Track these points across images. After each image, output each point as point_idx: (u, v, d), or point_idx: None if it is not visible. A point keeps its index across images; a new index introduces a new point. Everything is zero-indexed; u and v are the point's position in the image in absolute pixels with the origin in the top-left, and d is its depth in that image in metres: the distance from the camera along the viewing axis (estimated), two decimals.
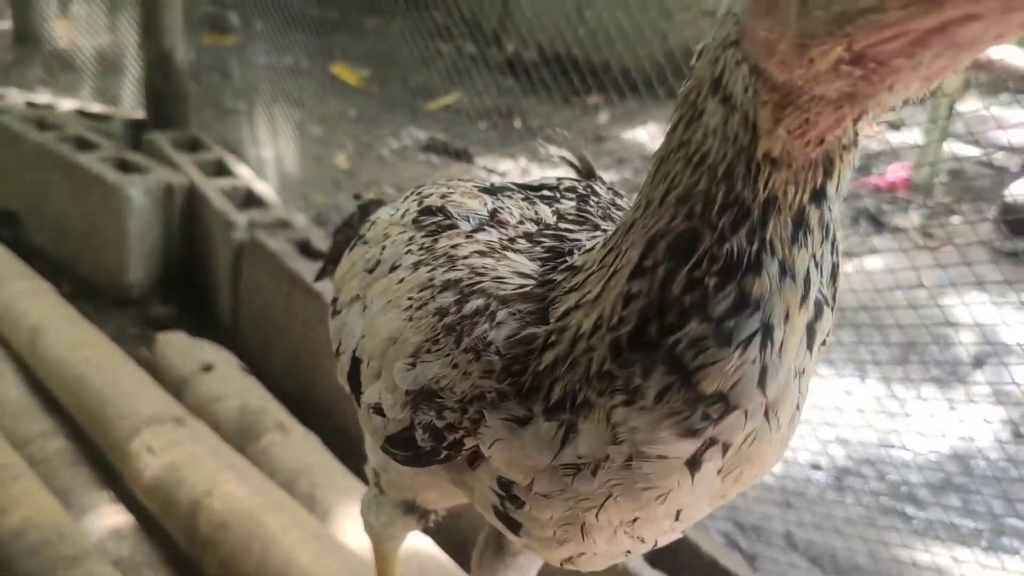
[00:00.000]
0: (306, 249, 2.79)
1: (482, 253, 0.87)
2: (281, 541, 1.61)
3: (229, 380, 2.40)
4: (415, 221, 0.97)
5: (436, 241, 0.91)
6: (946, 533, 2.32)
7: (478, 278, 0.84)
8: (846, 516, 2.38)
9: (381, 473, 1.09)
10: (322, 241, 2.85)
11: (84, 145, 3.34)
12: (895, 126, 4.19)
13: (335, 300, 1.09)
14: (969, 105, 3.79)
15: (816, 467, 2.62)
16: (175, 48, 3.53)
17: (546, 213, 0.94)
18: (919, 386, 2.84)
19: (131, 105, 4.01)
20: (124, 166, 3.22)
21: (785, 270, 0.66)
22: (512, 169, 4.16)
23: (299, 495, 1.94)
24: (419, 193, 1.03)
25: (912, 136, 3.91)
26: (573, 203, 0.97)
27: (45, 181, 3.34)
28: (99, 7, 4.54)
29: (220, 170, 3.32)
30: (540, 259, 0.85)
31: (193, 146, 3.47)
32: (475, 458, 0.87)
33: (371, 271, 0.99)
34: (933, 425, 2.51)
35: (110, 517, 1.90)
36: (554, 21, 4.23)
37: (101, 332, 2.49)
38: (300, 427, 2.24)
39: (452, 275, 0.86)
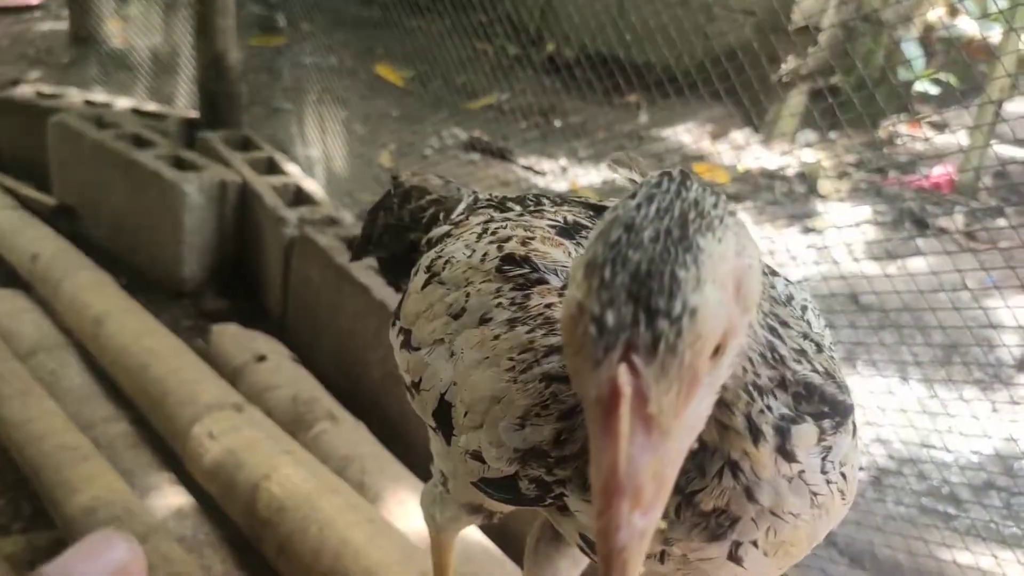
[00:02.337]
0: (353, 245, 2.87)
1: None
2: (336, 523, 1.68)
3: (281, 370, 2.48)
4: (499, 271, 0.94)
5: (528, 298, 0.90)
6: (988, 534, 2.32)
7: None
8: (887, 515, 2.39)
9: (451, 479, 1.10)
10: None
11: (140, 143, 3.46)
12: (940, 127, 4.16)
13: (407, 332, 1.08)
14: (1015, 106, 3.75)
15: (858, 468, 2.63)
16: (228, 50, 3.63)
17: None
18: (962, 388, 2.83)
19: (185, 104, 4.13)
20: (179, 163, 3.33)
21: (725, 426, 0.73)
22: (552, 167, 4.20)
23: (350, 482, 2.00)
24: (495, 235, 1.01)
25: (957, 137, 3.88)
26: None
27: (103, 177, 3.47)
28: (154, 8, 4.68)
29: (271, 168, 3.42)
30: None
31: (245, 145, 3.57)
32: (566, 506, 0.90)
33: (456, 317, 0.97)
34: (975, 427, 2.51)
35: (171, 498, 1.99)
36: (595, 20, 4.27)
37: (160, 323, 2.59)
38: (349, 416, 2.31)
39: (554, 340, 0.86)
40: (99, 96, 4.10)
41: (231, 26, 3.61)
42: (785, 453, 0.74)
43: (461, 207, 1.24)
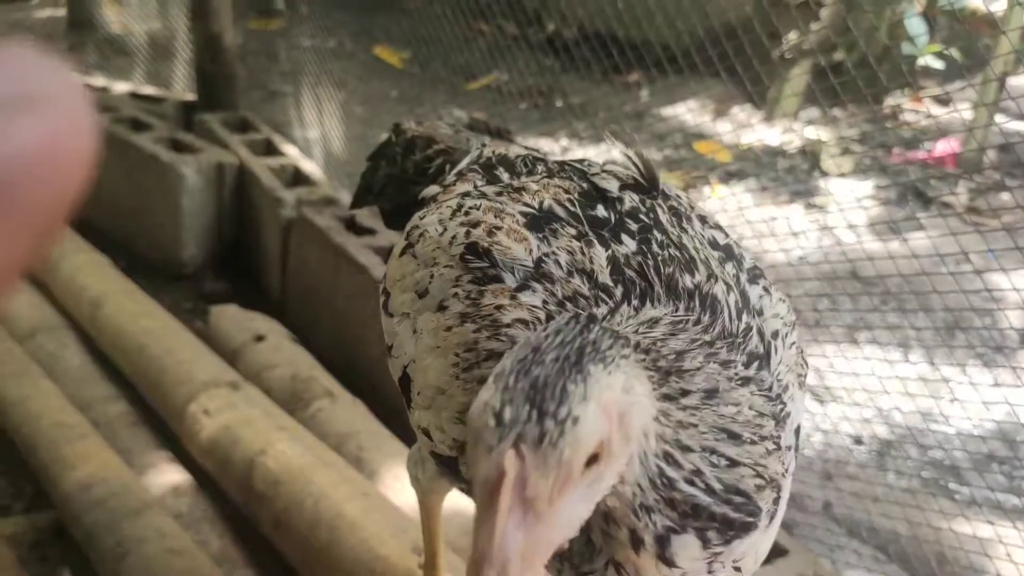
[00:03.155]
0: (352, 225, 2.86)
1: (524, 323, 0.89)
2: (331, 497, 1.68)
3: (280, 350, 2.48)
4: (462, 259, 0.96)
5: (481, 295, 0.93)
6: (989, 508, 2.31)
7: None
8: (887, 488, 2.38)
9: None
10: (367, 218, 2.92)
11: (138, 126, 3.45)
12: (943, 101, 4.11)
13: (387, 295, 1.10)
14: (1019, 81, 3.71)
15: (858, 441, 2.62)
16: (224, 31, 3.61)
17: (600, 260, 0.92)
18: (964, 363, 2.81)
19: (182, 88, 4.11)
20: (177, 146, 3.32)
21: (610, 536, 0.81)
22: (552, 148, 4.18)
23: (347, 458, 2.00)
24: (467, 216, 1.01)
25: (961, 111, 3.84)
26: (635, 243, 0.93)
27: (101, 160, 3.46)
28: None
29: (268, 150, 3.41)
30: None
31: (242, 127, 3.56)
32: None
33: (421, 296, 1.01)
34: (977, 401, 2.50)
35: (169, 475, 2.00)
36: (594, 0, 4.24)
37: (157, 304, 2.59)
38: (347, 394, 2.31)
39: (495, 345, 0.89)
40: (97, 81, 4.09)
41: (227, 7, 3.59)
42: (665, 560, 0.81)
43: (465, 161, 1.22)
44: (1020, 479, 2.52)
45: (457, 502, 1.85)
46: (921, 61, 4.04)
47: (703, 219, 1.02)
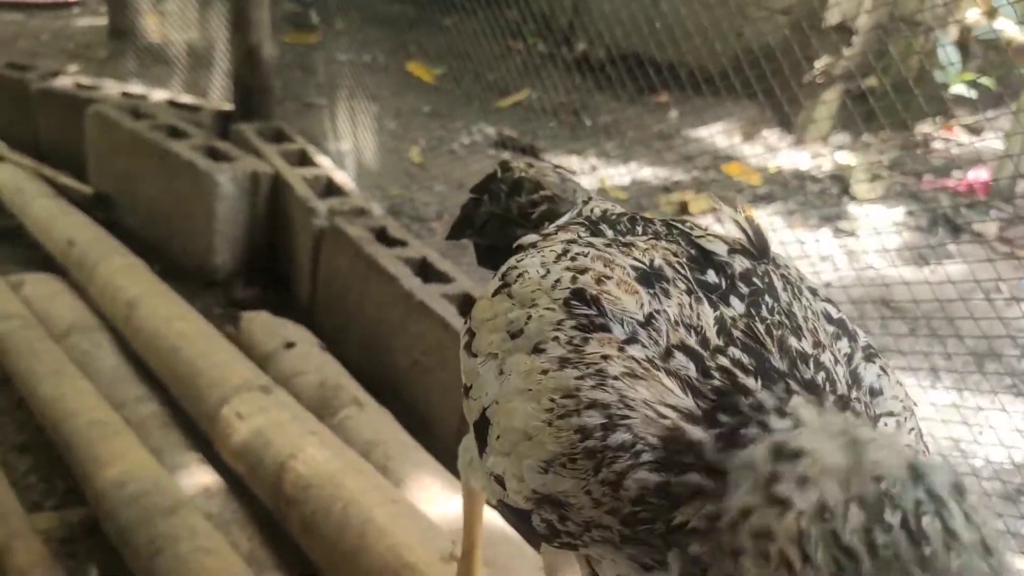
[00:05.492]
0: (383, 236, 2.89)
1: (634, 376, 0.84)
2: (360, 502, 1.69)
3: (309, 357, 2.50)
4: (567, 303, 0.92)
5: (586, 342, 0.88)
6: (1018, 543, 2.28)
7: (627, 411, 0.83)
8: None
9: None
10: (397, 230, 2.95)
11: (175, 133, 3.51)
12: (975, 130, 4.10)
13: (471, 335, 1.07)
14: None
15: None
16: (262, 43, 3.68)
17: (708, 319, 0.88)
18: (995, 393, 2.78)
19: (219, 97, 4.18)
20: (213, 154, 3.38)
21: None
22: (581, 166, 4.20)
23: (374, 466, 2.02)
24: (573, 262, 0.97)
25: (993, 141, 3.82)
26: (743, 306, 0.90)
27: (138, 166, 3.53)
28: (190, 3, 4.76)
29: (303, 160, 3.45)
30: (700, 394, 0.83)
31: (277, 137, 3.62)
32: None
33: (513, 336, 0.96)
34: (1008, 433, 2.47)
35: (200, 476, 2.02)
36: (628, 19, 4.27)
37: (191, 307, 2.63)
38: (374, 403, 2.33)
39: (600, 395, 0.84)
40: (136, 88, 4.17)
41: (266, 20, 3.65)
42: None
43: (567, 217, 1.19)
44: None
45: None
46: (954, 89, 4.03)
47: (814, 292, 0.98)
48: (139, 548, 1.68)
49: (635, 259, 0.95)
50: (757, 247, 0.98)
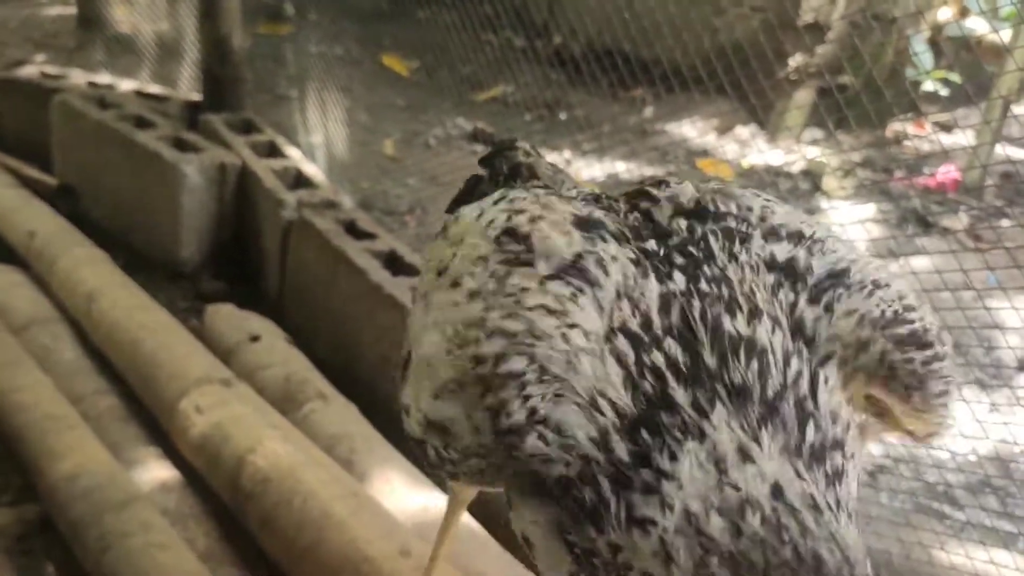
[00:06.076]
0: (352, 229, 2.86)
1: (547, 310, 0.80)
2: (320, 495, 1.66)
3: (275, 351, 2.47)
4: (497, 240, 0.89)
5: (508, 275, 0.84)
6: (983, 534, 2.29)
7: (532, 341, 0.79)
8: (880, 513, 2.36)
9: None
10: (367, 223, 2.92)
11: (142, 124, 3.45)
12: (946, 127, 4.13)
13: (417, 292, 1.05)
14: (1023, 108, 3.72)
15: None
16: (232, 33, 3.63)
17: (652, 295, 0.82)
18: (961, 387, 2.80)
19: (188, 88, 4.12)
20: (180, 145, 3.32)
21: None
22: (556, 161, 4.19)
23: (338, 460, 1.99)
24: (511, 203, 0.94)
25: (964, 137, 3.85)
26: (684, 281, 0.83)
27: (103, 157, 3.47)
28: None
29: (271, 151, 3.41)
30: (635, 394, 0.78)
31: (246, 128, 3.56)
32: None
33: (439, 274, 0.94)
34: (974, 426, 2.48)
35: (157, 471, 1.98)
36: (603, 14, 4.26)
37: (153, 300, 2.58)
38: (341, 397, 2.30)
39: (508, 324, 0.81)
40: (103, 78, 4.10)
41: (236, 9, 3.60)
42: None
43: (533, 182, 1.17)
44: (1015, 505, 2.50)
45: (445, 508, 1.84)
46: (926, 86, 4.06)
47: (774, 231, 0.90)
48: (89, 544, 1.64)
49: (575, 209, 0.90)
50: (697, 203, 0.93)
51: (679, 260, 0.86)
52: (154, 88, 4.02)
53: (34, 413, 1.99)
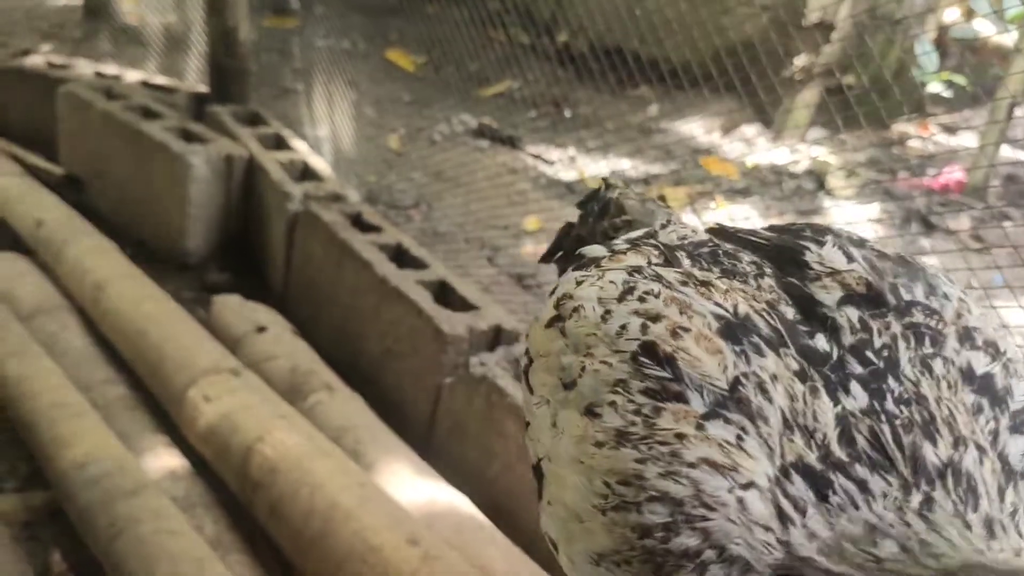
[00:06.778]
0: (358, 221, 2.87)
1: (715, 466, 0.68)
2: (327, 486, 1.67)
3: (281, 342, 2.48)
4: (633, 358, 0.75)
5: (657, 413, 0.71)
6: None
7: (704, 512, 0.68)
8: None
9: None
10: (373, 216, 2.92)
11: (149, 114, 3.46)
12: (951, 129, 4.14)
13: (529, 362, 0.93)
14: None
15: None
16: (239, 25, 3.63)
17: (827, 419, 0.69)
18: None
19: (194, 79, 4.13)
20: (187, 136, 3.33)
21: None
22: (561, 157, 4.20)
23: (344, 451, 2.00)
24: (642, 303, 0.79)
25: (968, 139, 3.86)
26: (865, 396, 0.70)
27: (110, 147, 3.47)
28: None
29: (278, 144, 3.41)
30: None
31: (253, 120, 3.57)
32: None
33: (566, 387, 0.81)
34: None
35: (166, 459, 1.99)
36: (610, 11, 4.26)
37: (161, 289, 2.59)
38: (346, 388, 2.31)
39: (670, 487, 0.69)
40: (110, 69, 4.11)
41: (243, 2, 3.61)
42: None
43: (642, 231, 1.03)
44: None
45: (451, 499, 1.85)
46: (931, 88, 4.06)
47: (969, 336, 0.76)
48: (99, 530, 1.65)
49: (716, 303, 0.76)
50: (870, 288, 0.76)
51: (856, 369, 0.72)
52: (160, 79, 4.03)
53: (43, 401, 2.00)
